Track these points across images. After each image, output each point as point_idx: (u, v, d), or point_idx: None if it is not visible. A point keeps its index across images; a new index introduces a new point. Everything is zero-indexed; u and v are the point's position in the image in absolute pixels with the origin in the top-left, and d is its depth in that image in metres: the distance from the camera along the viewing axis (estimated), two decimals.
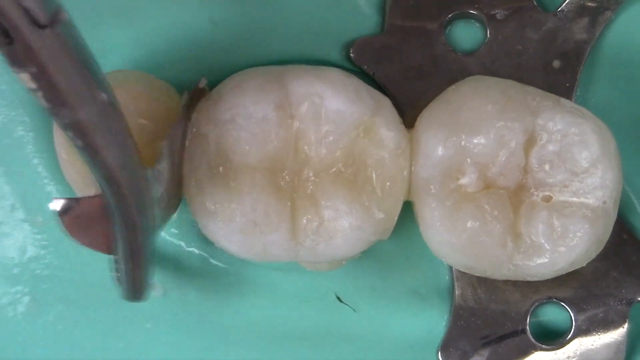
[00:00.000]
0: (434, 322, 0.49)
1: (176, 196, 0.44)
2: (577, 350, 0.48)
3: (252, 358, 0.49)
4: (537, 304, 0.48)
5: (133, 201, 0.36)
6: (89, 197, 0.37)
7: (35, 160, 0.48)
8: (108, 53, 0.47)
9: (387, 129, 0.43)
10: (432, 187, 0.43)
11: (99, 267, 0.48)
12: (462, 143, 0.43)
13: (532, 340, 0.48)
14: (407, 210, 0.45)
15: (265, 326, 0.49)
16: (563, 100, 0.44)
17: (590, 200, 0.42)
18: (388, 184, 0.43)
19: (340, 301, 0.49)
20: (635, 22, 0.49)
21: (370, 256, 0.49)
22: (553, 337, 0.49)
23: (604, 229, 0.43)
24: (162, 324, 0.49)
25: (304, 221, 0.43)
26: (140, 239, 0.37)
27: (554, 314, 0.49)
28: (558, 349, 0.48)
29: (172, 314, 0.49)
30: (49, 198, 0.48)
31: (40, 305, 0.48)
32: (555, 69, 0.48)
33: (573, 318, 0.48)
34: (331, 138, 0.42)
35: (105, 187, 0.35)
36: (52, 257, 0.48)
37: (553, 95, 0.44)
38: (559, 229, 0.42)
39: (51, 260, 0.48)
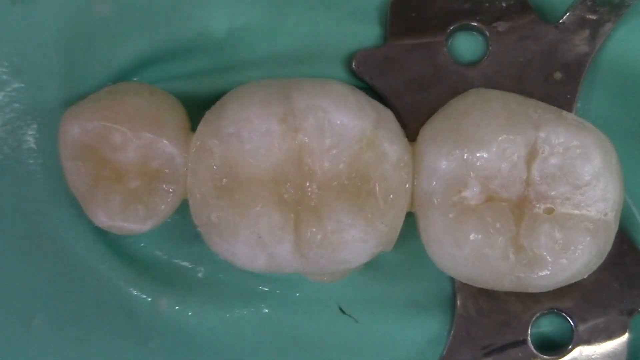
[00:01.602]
0: (435, 333, 0.49)
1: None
2: None
3: None
4: (538, 314, 0.48)
5: None
6: None
7: (43, 188, 0.48)
8: (113, 65, 0.47)
9: (389, 142, 0.43)
10: (434, 199, 0.43)
11: (103, 289, 0.48)
12: (465, 156, 0.43)
13: (533, 350, 0.48)
14: (410, 221, 0.45)
15: (269, 337, 0.49)
16: (565, 113, 0.44)
17: (592, 213, 0.43)
18: (391, 196, 0.43)
19: (343, 312, 0.49)
20: (636, 34, 0.49)
21: (372, 267, 0.49)
22: (554, 348, 0.49)
23: (605, 242, 0.43)
24: (166, 339, 0.49)
25: (308, 234, 0.43)
26: None
27: (555, 325, 0.49)
28: (559, 359, 0.48)
29: (175, 328, 0.49)
30: (55, 224, 0.48)
31: (47, 327, 0.48)
32: (557, 81, 0.48)
33: (574, 328, 0.48)
34: (334, 151, 0.43)
35: None
36: (59, 280, 0.48)
37: (555, 107, 0.44)
38: (561, 241, 0.43)
39: (57, 283, 0.48)
